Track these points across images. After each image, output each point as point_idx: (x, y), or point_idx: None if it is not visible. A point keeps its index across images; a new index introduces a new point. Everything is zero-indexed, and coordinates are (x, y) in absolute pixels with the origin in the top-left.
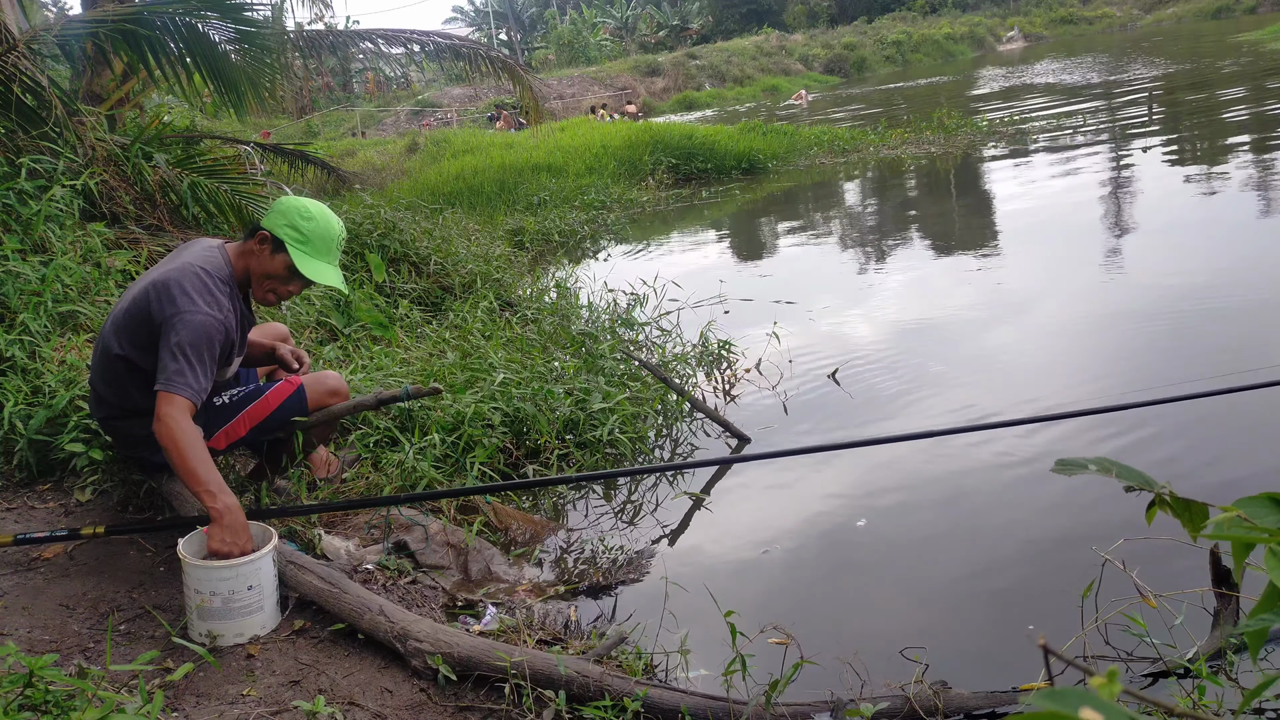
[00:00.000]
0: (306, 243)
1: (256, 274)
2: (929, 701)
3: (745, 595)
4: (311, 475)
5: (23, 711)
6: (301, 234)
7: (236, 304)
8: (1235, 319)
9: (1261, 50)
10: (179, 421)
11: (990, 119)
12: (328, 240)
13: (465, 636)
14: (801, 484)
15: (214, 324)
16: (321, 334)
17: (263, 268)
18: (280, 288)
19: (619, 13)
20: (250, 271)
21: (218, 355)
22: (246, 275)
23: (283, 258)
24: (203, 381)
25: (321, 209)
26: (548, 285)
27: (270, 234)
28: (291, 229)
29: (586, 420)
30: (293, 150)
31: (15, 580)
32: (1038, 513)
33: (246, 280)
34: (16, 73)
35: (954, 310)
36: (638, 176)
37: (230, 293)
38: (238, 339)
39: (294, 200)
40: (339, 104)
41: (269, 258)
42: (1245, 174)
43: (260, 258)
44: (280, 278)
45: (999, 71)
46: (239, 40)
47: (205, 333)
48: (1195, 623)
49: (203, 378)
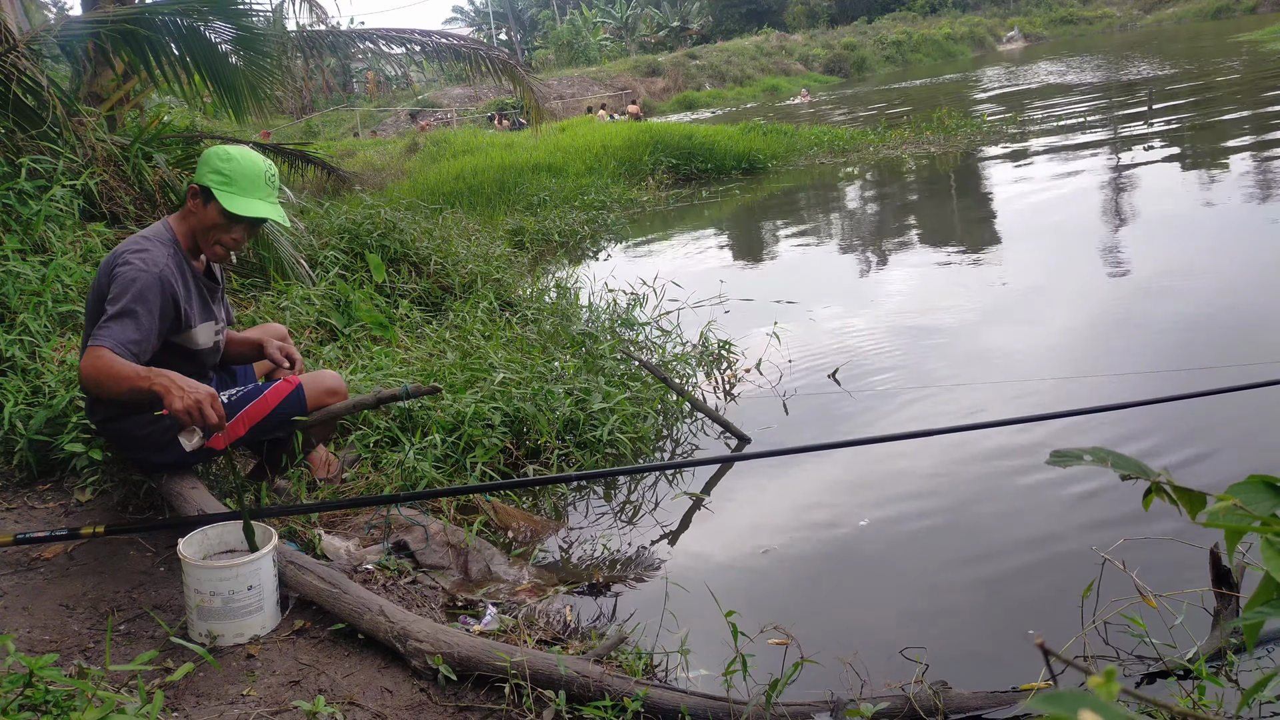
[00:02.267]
0: (231, 183)
1: (199, 231)
2: (929, 701)
3: (745, 595)
4: (311, 475)
5: (23, 711)
6: (225, 175)
7: (183, 265)
8: (1236, 319)
9: (1261, 50)
10: (92, 361)
11: (990, 119)
12: (253, 177)
13: (465, 636)
14: (801, 484)
15: (146, 276)
16: (321, 334)
17: (201, 221)
18: (224, 237)
19: (619, 13)
20: (194, 232)
21: (157, 308)
22: (194, 238)
23: (215, 204)
24: (131, 333)
25: (242, 149)
26: (548, 285)
27: (198, 185)
28: (215, 174)
29: (586, 420)
30: (293, 150)
31: (15, 580)
32: (1038, 513)
33: (196, 246)
34: (16, 73)
35: (954, 310)
36: (638, 176)
37: (172, 253)
38: (188, 299)
39: (214, 148)
40: (339, 104)
41: (204, 210)
42: (1246, 174)
43: (198, 214)
44: (219, 226)
45: (999, 71)
46: (239, 43)
47: (136, 286)
48: (1195, 623)
49: (132, 330)
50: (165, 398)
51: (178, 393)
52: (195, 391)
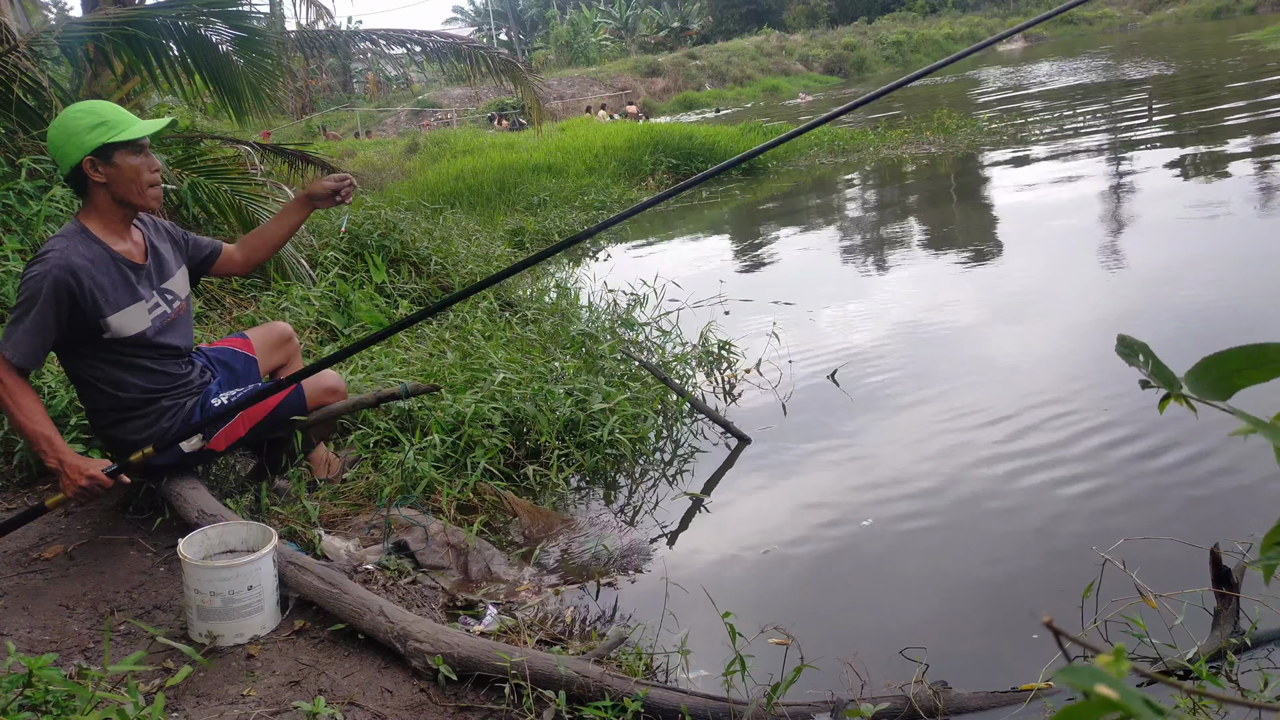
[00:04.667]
0: (110, 125)
1: (124, 192)
2: (929, 701)
3: (745, 595)
4: (311, 475)
5: (22, 711)
6: (100, 123)
7: (95, 251)
8: (1236, 318)
9: (1261, 50)
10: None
11: (990, 119)
12: (115, 110)
13: (465, 637)
14: (801, 484)
15: (37, 276)
16: (321, 334)
17: (119, 181)
18: (145, 178)
19: (619, 13)
20: (118, 200)
21: (49, 304)
22: (116, 210)
23: (119, 151)
24: (19, 335)
25: (80, 104)
26: (548, 285)
27: (89, 159)
28: (93, 130)
29: (587, 420)
30: (293, 150)
31: (15, 580)
32: (1038, 513)
33: (115, 227)
34: (17, 73)
35: (954, 310)
36: (638, 177)
37: (77, 243)
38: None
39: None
40: (339, 104)
41: (114, 169)
42: (1246, 174)
43: (112, 180)
44: (132, 169)
45: (999, 72)
46: (239, 44)
47: (28, 289)
48: (1195, 623)
49: (23, 333)
50: (60, 479)
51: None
52: (85, 471)
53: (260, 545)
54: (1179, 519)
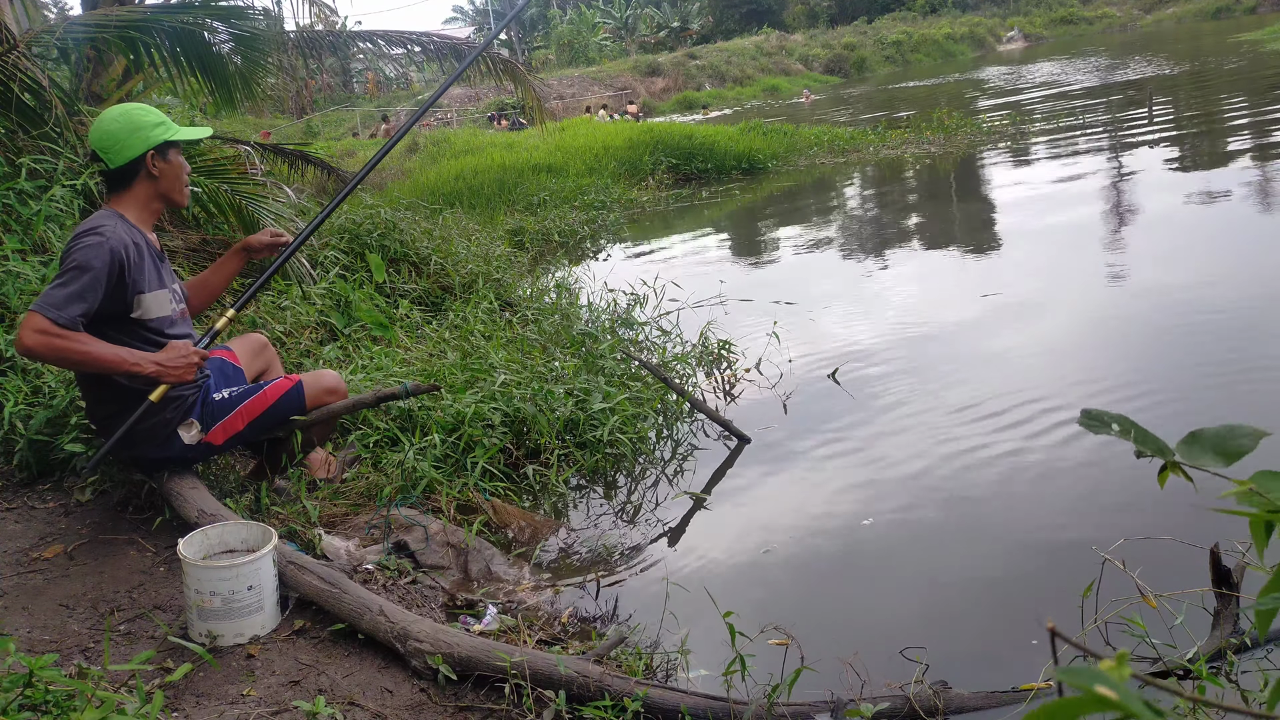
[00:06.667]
0: (167, 124)
1: (169, 187)
2: (929, 701)
3: (745, 595)
4: (311, 475)
5: (23, 711)
6: (161, 122)
7: (135, 234)
8: (1237, 318)
9: (1261, 50)
10: (32, 335)
11: (991, 119)
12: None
13: (465, 636)
14: (801, 484)
15: (94, 245)
16: (321, 334)
17: (169, 176)
18: (184, 177)
19: (619, 13)
20: (161, 194)
21: (103, 272)
22: (155, 203)
23: (173, 153)
24: (60, 296)
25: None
26: (548, 285)
27: (152, 153)
28: (155, 128)
29: (586, 420)
30: (293, 150)
31: (15, 580)
32: (1038, 513)
33: (154, 215)
34: (16, 72)
35: (954, 310)
36: (638, 176)
37: (124, 225)
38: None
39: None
40: (339, 104)
41: (168, 166)
42: (1247, 174)
43: (164, 176)
44: (180, 167)
45: (999, 71)
46: (235, 41)
47: (81, 257)
48: (1195, 623)
49: (70, 298)
50: (161, 375)
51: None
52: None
53: (260, 545)
54: (1179, 519)
